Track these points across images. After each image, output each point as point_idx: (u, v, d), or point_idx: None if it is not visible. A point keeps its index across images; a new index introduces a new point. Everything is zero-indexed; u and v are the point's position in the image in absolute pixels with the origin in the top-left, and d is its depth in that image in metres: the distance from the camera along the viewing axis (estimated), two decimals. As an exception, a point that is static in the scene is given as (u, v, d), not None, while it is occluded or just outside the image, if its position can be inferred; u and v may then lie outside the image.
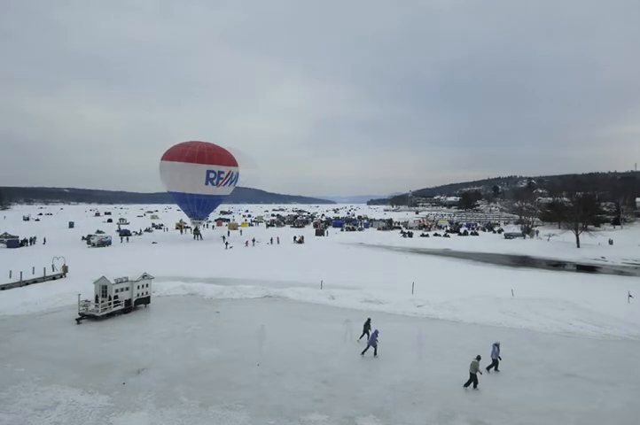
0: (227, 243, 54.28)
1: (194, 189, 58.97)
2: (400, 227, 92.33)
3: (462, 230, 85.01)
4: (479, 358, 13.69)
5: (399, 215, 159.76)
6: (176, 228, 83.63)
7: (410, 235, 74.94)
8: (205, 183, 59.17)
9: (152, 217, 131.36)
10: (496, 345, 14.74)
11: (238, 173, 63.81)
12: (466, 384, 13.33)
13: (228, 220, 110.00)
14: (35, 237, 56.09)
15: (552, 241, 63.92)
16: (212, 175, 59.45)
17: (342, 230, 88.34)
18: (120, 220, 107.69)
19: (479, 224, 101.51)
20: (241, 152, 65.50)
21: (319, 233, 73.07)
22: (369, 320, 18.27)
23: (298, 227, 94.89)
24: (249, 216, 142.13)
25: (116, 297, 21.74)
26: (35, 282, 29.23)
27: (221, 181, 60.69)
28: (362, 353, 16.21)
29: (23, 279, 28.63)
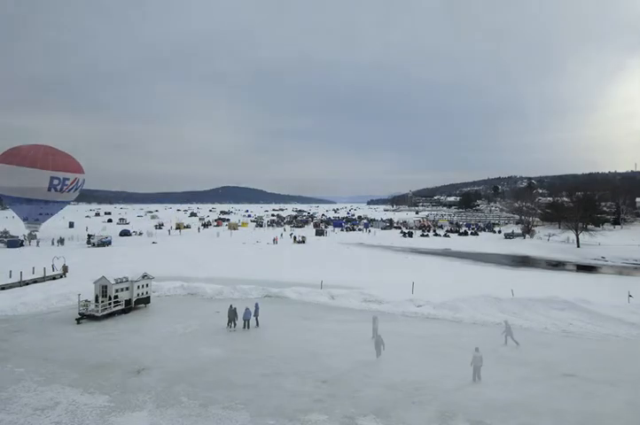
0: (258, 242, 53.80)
1: (34, 194, 57.48)
2: (400, 227, 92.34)
3: (462, 230, 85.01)
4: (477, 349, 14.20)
5: (399, 215, 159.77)
6: (176, 228, 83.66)
7: (410, 234, 74.96)
8: (48, 189, 58.13)
9: (152, 217, 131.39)
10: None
11: (84, 180, 63.55)
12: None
13: (228, 219, 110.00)
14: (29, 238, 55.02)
15: (552, 241, 63.94)
16: (56, 182, 58.60)
17: (342, 230, 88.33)
18: (120, 219, 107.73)
19: (479, 224, 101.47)
20: (69, 156, 64.02)
21: (319, 233, 73.11)
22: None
23: (298, 227, 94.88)
24: (249, 216, 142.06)
25: (116, 297, 21.73)
26: (35, 281, 29.22)
27: (65, 188, 60.08)
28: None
29: (23, 279, 28.61)
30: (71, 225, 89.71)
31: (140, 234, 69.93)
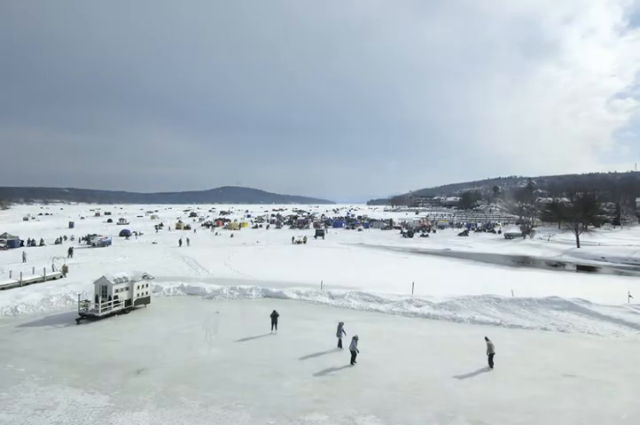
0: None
1: None
2: (400, 228, 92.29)
3: (462, 230, 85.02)
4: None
5: (399, 215, 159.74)
6: (177, 228, 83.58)
7: (410, 235, 74.93)
8: None
9: (152, 217, 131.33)
10: None
11: None
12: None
13: (228, 220, 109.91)
14: (21, 240, 53.56)
15: (552, 241, 63.94)
16: None
17: (343, 230, 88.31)
18: (120, 220, 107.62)
19: (479, 224, 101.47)
20: None
21: (319, 233, 73.03)
22: (340, 324, 17.36)
23: (297, 227, 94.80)
24: (248, 216, 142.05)
25: (116, 297, 21.74)
26: (34, 282, 29.19)
27: None
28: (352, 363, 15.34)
29: (23, 279, 28.59)
30: (71, 225, 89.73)
31: (140, 234, 69.86)
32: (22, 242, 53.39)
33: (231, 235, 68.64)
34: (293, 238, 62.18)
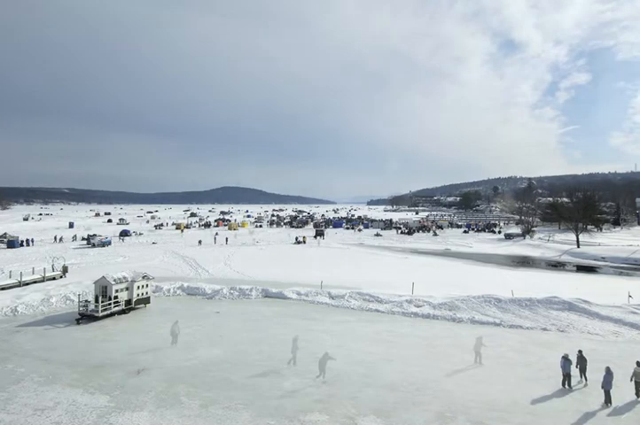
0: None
1: None
2: (400, 228, 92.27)
3: (462, 230, 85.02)
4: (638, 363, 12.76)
5: (399, 215, 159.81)
6: (176, 229, 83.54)
7: (410, 235, 74.93)
8: None
9: (152, 217, 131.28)
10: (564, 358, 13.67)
11: None
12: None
13: (228, 220, 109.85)
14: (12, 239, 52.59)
15: (552, 241, 63.92)
16: None
17: (343, 230, 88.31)
18: (119, 220, 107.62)
19: (479, 224, 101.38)
20: None
21: (319, 233, 73.01)
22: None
23: (297, 227, 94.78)
24: (248, 216, 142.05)
25: (116, 297, 21.75)
26: (34, 282, 29.18)
27: None
28: None
29: (23, 279, 28.59)
30: (71, 225, 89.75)
31: (140, 234, 69.81)
32: (22, 242, 53.36)
33: (231, 236, 68.61)
34: (294, 238, 62.18)
